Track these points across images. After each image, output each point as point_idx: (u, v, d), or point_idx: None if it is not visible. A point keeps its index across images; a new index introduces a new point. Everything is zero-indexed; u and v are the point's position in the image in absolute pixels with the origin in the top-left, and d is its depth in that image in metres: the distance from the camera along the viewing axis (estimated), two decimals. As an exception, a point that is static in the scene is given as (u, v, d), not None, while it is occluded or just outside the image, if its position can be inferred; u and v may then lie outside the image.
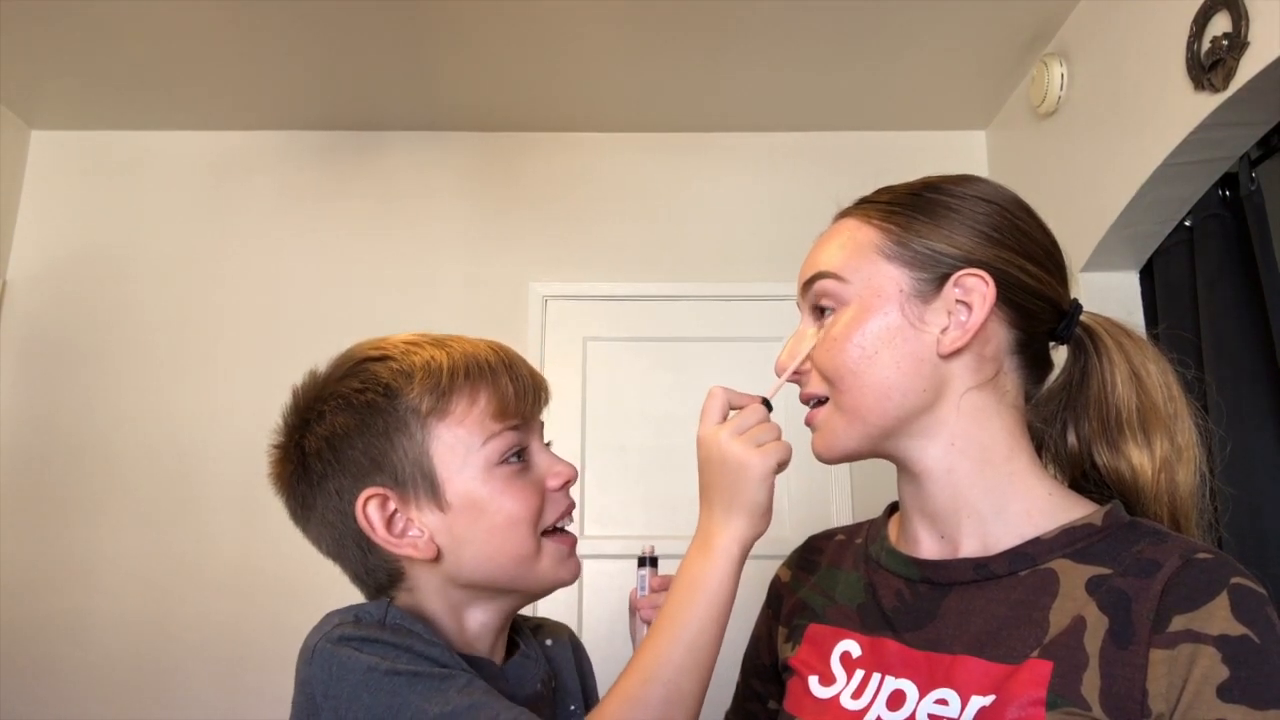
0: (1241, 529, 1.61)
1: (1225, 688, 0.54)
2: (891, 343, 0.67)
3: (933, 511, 0.70)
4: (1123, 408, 0.71)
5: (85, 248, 2.44)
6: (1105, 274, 1.96)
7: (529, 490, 0.73)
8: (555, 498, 0.76)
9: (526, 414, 0.75)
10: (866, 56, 2.17)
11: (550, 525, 0.75)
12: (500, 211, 2.48)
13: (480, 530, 0.71)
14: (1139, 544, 0.62)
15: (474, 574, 0.72)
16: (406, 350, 0.75)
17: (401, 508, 0.71)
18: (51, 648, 2.17)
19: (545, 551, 0.74)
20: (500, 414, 0.73)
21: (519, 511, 0.72)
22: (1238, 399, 1.65)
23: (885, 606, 0.71)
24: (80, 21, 2.01)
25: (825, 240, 0.73)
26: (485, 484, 0.71)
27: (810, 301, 0.73)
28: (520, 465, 0.74)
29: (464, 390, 0.72)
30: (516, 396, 0.74)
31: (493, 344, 0.79)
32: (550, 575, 0.75)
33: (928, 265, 0.67)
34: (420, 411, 0.71)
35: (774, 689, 0.82)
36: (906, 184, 0.73)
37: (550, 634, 0.89)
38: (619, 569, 2.28)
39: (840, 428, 0.70)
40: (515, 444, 0.73)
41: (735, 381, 0.82)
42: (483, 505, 0.71)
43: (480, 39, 2.10)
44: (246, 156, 2.51)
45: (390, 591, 0.74)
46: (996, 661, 0.61)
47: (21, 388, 2.30)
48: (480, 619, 0.75)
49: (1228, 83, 1.45)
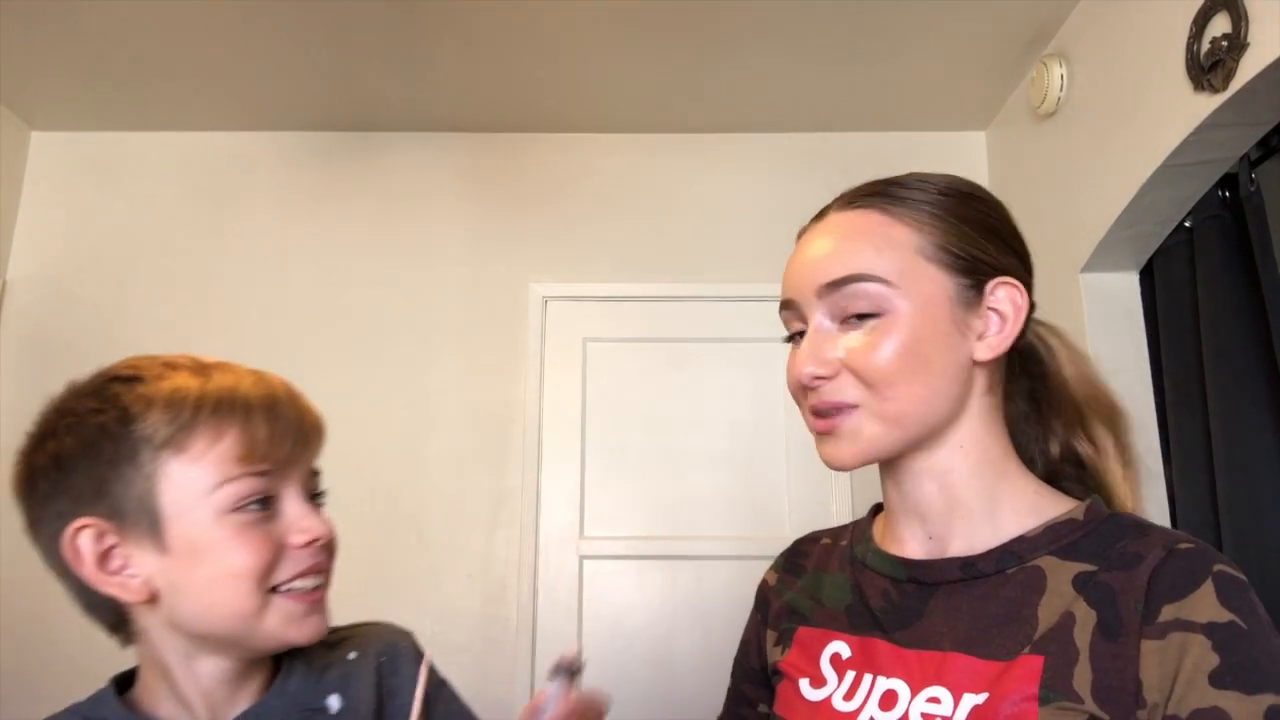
0: (1242, 529, 1.61)
1: (1217, 675, 0.56)
2: (941, 349, 0.66)
3: (924, 512, 0.71)
4: (1079, 397, 0.75)
5: (85, 248, 2.45)
6: (1105, 274, 1.96)
7: (260, 543, 0.66)
8: (297, 554, 0.69)
9: (281, 459, 0.69)
10: (866, 57, 2.17)
11: (282, 583, 0.68)
12: (500, 212, 2.48)
13: (199, 579, 0.65)
14: (1123, 539, 0.64)
15: (192, 625, 0.67)
16: (160, 373, 0.69)
17: (121, 543, 0.66)
18: (51, 647, 2.17)
19: (272, 609, 0.67)
20: (245, 457, 0.66)
21: (240, 565, 0.65)
22: (1238, 399, 1.65)
23: (873, 607, 0.72)
24: (80, 21, 2.01)
25: (846, 237, 0.69)
26: (212, 531, 0.65)
27: (838, 303, 0.68)
28: (260, 514, 0.67)
29: (208, 425, 0.66)
30: (270, 439, 0.67)
31: (266, 378, 0.72)
32: (276, 635, 0.68)
33: (968, 271, 0.68)
34: (153, 443, 0.65)
35: (764, 693, 0.81)
36: (919, 176, 0.72)
37: (357, 647, 0.80)
38: (619, 569, 2.28)
39: (877, 435, 0.67)
40: (256, 491, 0.67)
41: (735, 381, 0.81)
42: (203, 553, 0.65)
43: (480, 39, 2.10)
44: (246, 157, 2.51)
45: (124, 632, 0.71)
46: (987, 659, 0.62)
47: (21, 388, 2.30)
48: (211, 670, 0.70)
49: (1227, 83, 1.45)
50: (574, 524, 2.30)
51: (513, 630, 2.22)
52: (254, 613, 0.66)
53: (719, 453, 2.34)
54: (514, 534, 2.28)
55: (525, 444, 2.32)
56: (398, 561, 2.26)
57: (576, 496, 2.31)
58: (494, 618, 2.23)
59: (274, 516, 0.69)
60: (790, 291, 0.72)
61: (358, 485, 2.29)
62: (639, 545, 2.29)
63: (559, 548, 2.28)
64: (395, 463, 2.32)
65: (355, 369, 2.36)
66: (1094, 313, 1.94)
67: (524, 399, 2.36)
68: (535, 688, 2.19)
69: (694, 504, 2.31)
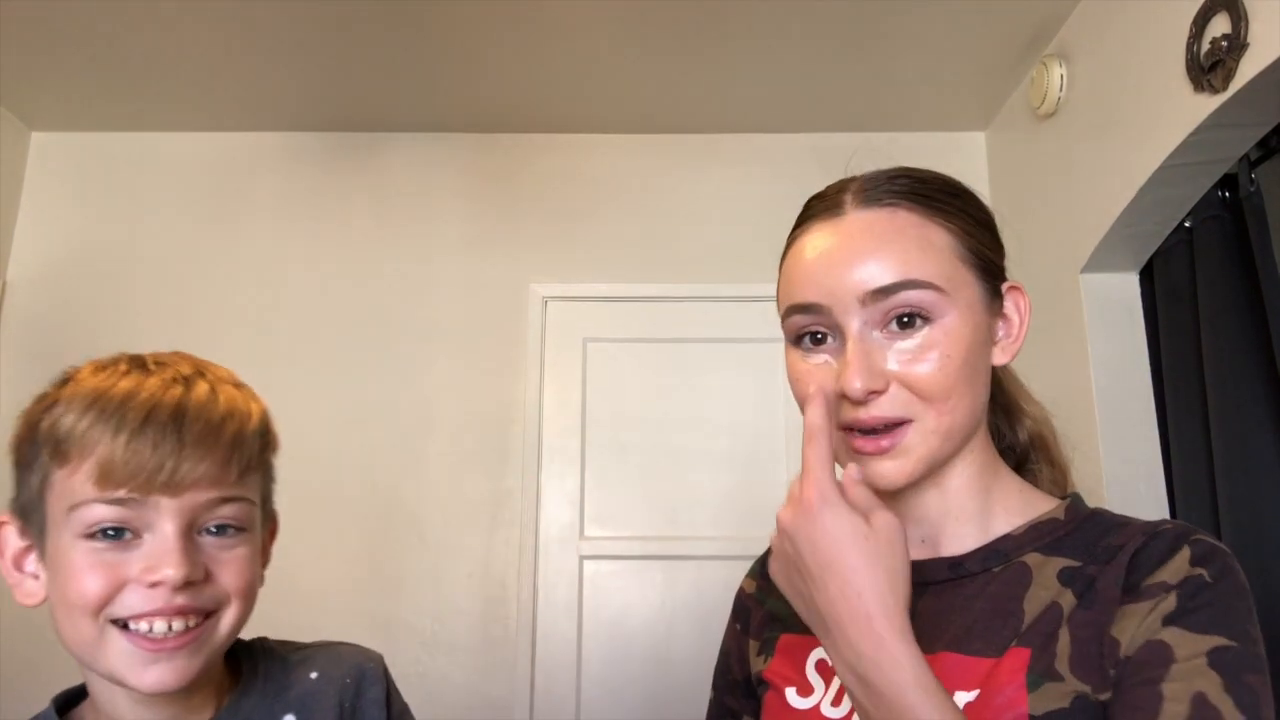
0: (1242, 529, 1.61)
1: (1170, 616, 0.56)
2: (982, 357, 0.66)
3: (920, 517, 0.70)
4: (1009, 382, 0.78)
5: (85, 248, 2.45)
6: (1105, 275, 1.96)
7: (98, 573, 0.60)
8: (145, 593, 0.61)
9: (149, 486, 0.61)
10: (866, 57, 2.17)
11: (127, 619, 0.61)
12: (500, 212, 2.48)
13: (55, 598, 0.63)
14: (1106, 536, 0.64)
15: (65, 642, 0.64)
16: (89, 373, 0.66)
17: (30, 548, 0.65)
18: (50, 646, 2.16)
19: (111, 644, 0.61)
20: (101, 480, 0.60)
21: (73, 594, 0.61)
22: (1238, 399, 1.65)
23: None
24: (80, 21, 2.01)
25: (885, 239, 0.63)
26: (68, 552, 0.61)
27: (884, 311, 0.62)
28: (113, 544, 0.61)
29: (86, 438, 0.61)
30: (131, 463, 0.60)
31: (192, 386, 0.65)
32: (117, 673, 0.62)
33: (989, 275, 0.67)
34: (45, 448, 0.63)
35: (749, 704, 0.79)
36: (927, 172, 0.70)
37: (319, 667, 0.75)
38: (619, 569, 2.28)
39: (935, 449, 0.63)
40: (105, 519, 0.61)
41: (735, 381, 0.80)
42: (56, 573, 0.62)
43: (480, 40, 2.10)
44: (247, 157, 2.51)
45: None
46: (977, 656, 0.62)
47: (21, 388, 2.29)
48: (124, 695, 0.65)
49: (1227, 84, 1.45)
50: (574, 524, 2.30)
51: (513, 630, 2.22)
52: (91, 643, 0.62)
53: (719, 453, 2.34)
54: (514, 534, 2.28)
55: (525, 444, 2.32)
56: (398, 561, 2.26)
57: (576, 496, 2.31)
58: (494, 618, 2.23)
59: (132, 547, 0.62)
60: (819, 295, 0.65)
61: (358, 485, 2.29)
62: (639, 545, 2.29)
63: (559, 548, 2.28)
64: (395, 463, 2.32)
65: (355, 369, 2.36)
66: (1094, 313, 1.94)
67: (524, 399, 2.36)
68: (535, 687, 2.19)
69: (694, 504, 2.31)
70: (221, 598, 0.65)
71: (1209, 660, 0.54)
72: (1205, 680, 0.53)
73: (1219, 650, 0.54)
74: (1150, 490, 1.85)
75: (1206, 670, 0.54)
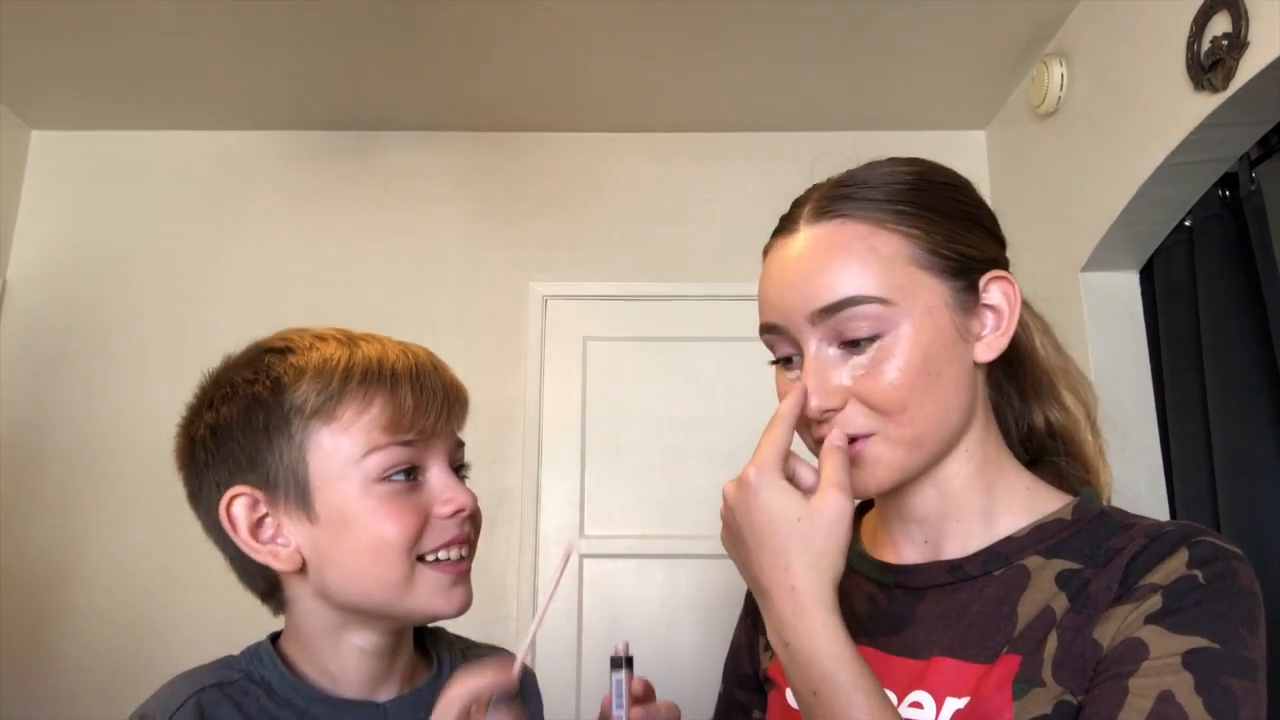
0: (1242, 529, 1.61)
1: (1153, 615, 0.55)
2: (949, 361, 0.63)
3: (922, 517, 0.69)
4: (1051, 368, 0.73)
5: (85, 248, 2.44)
6: (1105, 274, 1.96)
7: (407, 513, 0.67)
8: (442, 524, 0.69)
9: (427, 430, 0.69)
10: (866, 56, 2.17)
11: (429, 552, 0.68)
12: (500, 211, 2.48)
13: (345, 549, 0.66)
14: (1110, 538, 0.63)
15: (340, 595, 0.67)
16: (310, 345, 0.70)
17: (272, 512, 0.67)
18: (50, 647, 2.16)
19: (420, 579, 0.67)
20: (391, 426, 0.67)
21: (389, 535, 0.65)
22: (1238, 399, 1.65)
23: (859, 612, 0.71)
24: (80, 21, 2.01)
25: (829, 255, 0.63)
26: (359, 500, 0.66)
27: (834, 328, 0.63)
28: (406, 485, 0.68)
29: (356, 395, 0.67)
30: (416, 409, 0.68)
31: (411, 349, 0.73)
32: (424, 606, 0.68)
33: (961, 272, 0.64)
34: (304, 412, 0.66)
35: (758, 699, 0.80)
36: (887, 172, 0.68)
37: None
38: (619, 569, 2.28)
39: (899, 460, 0.63)
40: (402, 461, 0.67)
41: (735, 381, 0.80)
42: (350, 522, 0.65)
43: (480, 39, 2.10)
44: (246, 156, 2.51)
45: (275, 599, 0.71)
46: (971, 662, 0.61)
47: (21, 388, 2.30)
48: (359, 644, 0.69)
49: (1228, 83, 1.44)
50: (574, 524, 2.30)
51: (513, 630, 2.22)
52: (401, 582, 0.66)
53: (719, 453, 2.34)
54: (514, 534, 2.28)
55: (525, 443, 2.32)
56: (398, 561, 2.26)
57: (576, 496, 2.31)
58: (494, 617, 2.23)
59: (419, 487, 0.69)
60: (775, 315, 0.66)
61: (358, 485, 2.29)
62: (639, 545, 2.29)
63: (559, 548, 2.28)
64: (395, 462, 2.31)
65: (355, 368, 2.36)
66: (1094, 312, 1.94)
67: (524, 398, 2.35)
68: (535, 687, 2.19)
69: (694, 503, 2.31)
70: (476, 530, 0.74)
71: (1184, 660, 0.53)
72: (1176, 679, 0.52)
73: (1198, 651, 0.53)
74: (1150, 490, 1.85)
75: (1179, 669, 0.53)
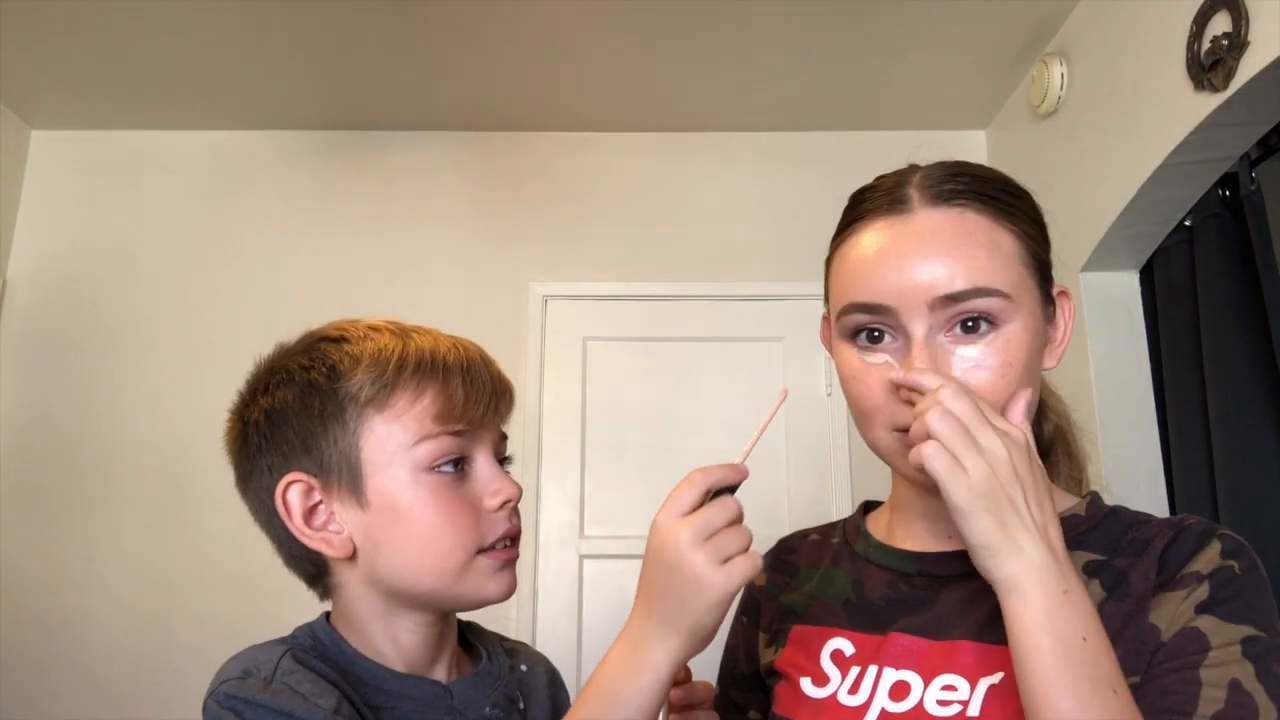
0: (1242, 528, 1.61)
1: (1204, 604, 0.59)
2: (1039, 362, 0.66)
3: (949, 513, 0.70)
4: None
5: (85, 247, 2.45)
6: (1105, 274, 1.96)
7: (458, 506, 0.68)
8: (493, 518, 0.70)
9: (476, 421, 0.70)
10: (866, 56, 2.17)
11: (487, 546, 0.70)
12: (500, 211, 2.48)
13: (397, 536, 0.67)
14: (1129, 531, 0.66)
15: (390, 581, 0.68)
16: (364, 334, 0.71)
17: (325, 499, 0.68)
18: (51, 646, 2.16)
19: (474, 568, 0.69)
20: (443, 416, 0.68)
21: (443, 526, 0.67)
22: (1238, 399, 1.65)
23: (878, 600, 0.71)
24: (80, 21, 2.01)
25: (957, 243, 0.63)
26: (409, 488, 0.67)
27: (950, 316, 0.62)
28: (455, 475, 0.69)
29: (409, 384, 0.68)
30: (466, 400, 0.69)
31: (461, 342, 0.75)
32: (474, 591, 0.69)
33: (1047, 279, 0.68)
34: (359, 400, 0.67)
35: (755, 698, 0.80)
36: (989, 172, 0.70)
37: (526, 659, 0.84)
38: (618, 569, 2.28)
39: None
40: (451, 450, 0.68)
41: (736, 381, 0.80)
42: (402, 510, 0.67)
43: (480, 39, 2.10)
44: (246, 156, 2.51)
45: (321, 584, 0.72)
46: (997, 644, 0.62)
47: (21, 387, 2.30)
48: (411, 629, 0.71)
49: (1228, 83, 1.45)
50: (574, 524, 2.29)
51: (513, 630, 2.22)
52: (455, 570, 0.68)
53: (719, 453, 2.31)
54: (514, 533, 2.28)
55: (525, 443, 2.32)
56: (397, 561, 2.26)
57: (576, 496, 2.31)
58: (494, 617, 2.22)
59: (465, 478, 0.70)
60: (884, 297, 0.64)
61: (357, 485, 2.29)
62: (639, 545, 2.26)
63: (559, 548, 2.28)
64: (395, 462, 2.32)
65: (355, 368, 2.36)
66: (1094, 312, 1.94)
67: (523, 398, 2.35)
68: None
69: (694, 503, 2.31)
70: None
71: (1243, 649, 0.56)
72: (1240, 668, 0.56)
73: (1251, 640, 0.57)
74: (1150, 489, 1.85)
75: (1241, 659, 0.56)
